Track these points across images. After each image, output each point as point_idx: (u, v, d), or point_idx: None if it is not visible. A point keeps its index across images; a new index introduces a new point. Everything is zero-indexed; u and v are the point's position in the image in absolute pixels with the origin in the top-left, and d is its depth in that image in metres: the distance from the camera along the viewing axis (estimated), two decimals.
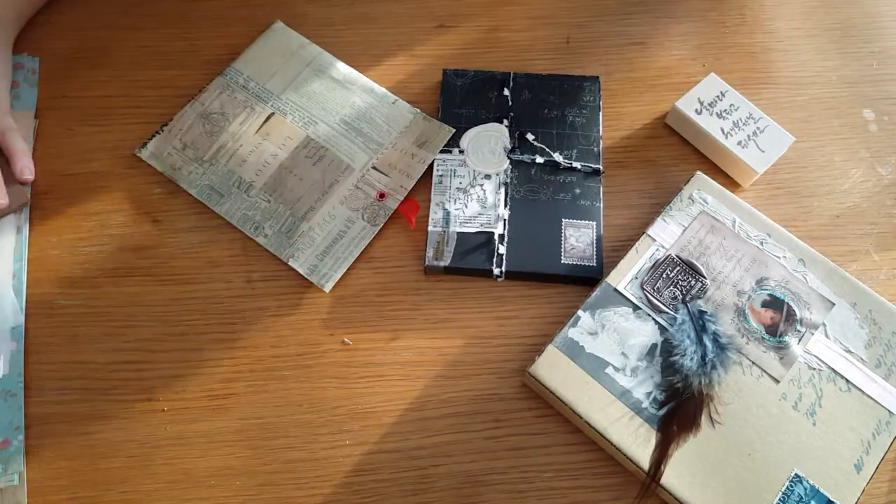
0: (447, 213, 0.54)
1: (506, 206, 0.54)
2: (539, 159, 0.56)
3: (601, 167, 0.56)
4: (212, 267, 0.53)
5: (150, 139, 0.56)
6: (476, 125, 0.57)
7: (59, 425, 0.48)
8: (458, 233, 0.53)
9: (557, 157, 0.56)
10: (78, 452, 0.47)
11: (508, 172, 0.55)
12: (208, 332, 0.51)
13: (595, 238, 0.53)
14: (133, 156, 0.56)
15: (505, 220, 0.54)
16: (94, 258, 0.53)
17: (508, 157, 0.56)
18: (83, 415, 0.48)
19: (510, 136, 0.57)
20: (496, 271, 0.52)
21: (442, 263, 0.52)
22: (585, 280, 0.52)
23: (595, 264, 0.52)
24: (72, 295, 0.52)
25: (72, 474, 0.47)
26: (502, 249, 0.52)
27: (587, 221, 0.54)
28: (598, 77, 0.60)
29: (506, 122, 0.57)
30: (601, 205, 0.54)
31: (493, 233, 0.53)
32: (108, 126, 0.58)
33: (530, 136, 0.57)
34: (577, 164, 0.56)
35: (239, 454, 0.47)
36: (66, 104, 0.55)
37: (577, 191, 0.55)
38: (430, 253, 0.52)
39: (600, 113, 0.58)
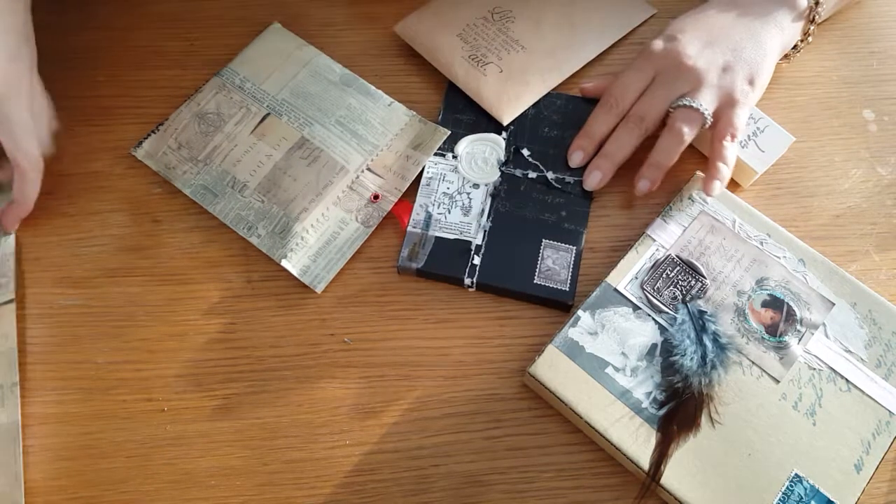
0: (429, 216, 0.53)
1: (489, 217, 0.53)
2: (531, 174, 0.55)
3: (592, 191, 0.54)
4: (212, 267, 0.53)
5: (146, 138, 0.56)
6: (474, 133, 0.57)
7: (59, 425, 0.48)
8: (436, 237, 0.53)
9: (550, 175, 0.55)
10: (78, 452, 0.47)
11: (498, 185, 0.55)
12: (208, 332, 0.51)
13: (572, 263, 0.52)
14: (133, 156, 0.56)
15: (485, 231, 0.53)
16: (94, 258, 0.53)
17: (500, 170, 0.55)
18: (83, 415, 0.48)
19: (506, 148, 0.56)
20: (467, 281, 0.51)
21: (415, 265, 0.51)
22: (555, 303, 0.51)
23: (567, 289, 0.51)
24: (72, 295, 0.52)
25: (72, 474, 0.47)
26: (477, 260, 0.52)
27: (567, 245, 0.52)
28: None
29: (504, 133, 0.57)
30: (585, 231, 0.53)
31: (470, 242, 0.53)
32: (108, 126, 0.58)
33: (525, 152, 0.56)
34: (569, 179, 0.55)
35: (239, 454, 0.47)
36: (66, 104, 0.55)
37: (563, 213, 0.53)
38: (404, 253, 0.52)
39: None
